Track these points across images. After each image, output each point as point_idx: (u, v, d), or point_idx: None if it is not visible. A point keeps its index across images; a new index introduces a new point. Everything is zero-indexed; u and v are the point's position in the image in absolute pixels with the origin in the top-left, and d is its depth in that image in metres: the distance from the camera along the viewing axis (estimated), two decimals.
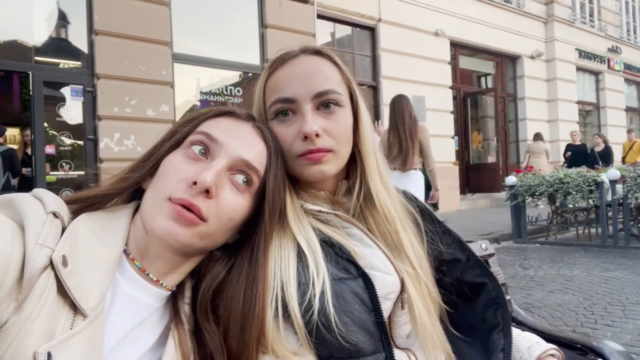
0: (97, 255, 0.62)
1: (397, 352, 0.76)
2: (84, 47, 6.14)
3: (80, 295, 0.57)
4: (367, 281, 0.74)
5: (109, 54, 6.06)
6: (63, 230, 0.61)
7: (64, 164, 6.09)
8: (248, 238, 0.75)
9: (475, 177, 12.00)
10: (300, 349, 0.69)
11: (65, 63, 6.24)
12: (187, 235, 0.65)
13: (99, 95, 6.02)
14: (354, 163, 0.86)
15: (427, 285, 0.81)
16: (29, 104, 5.96)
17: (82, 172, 6.22)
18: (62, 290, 0.56)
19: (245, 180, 0.71)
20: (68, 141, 6.26)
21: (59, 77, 6.07)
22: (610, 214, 6.48)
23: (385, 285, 0.76)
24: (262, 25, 7.57)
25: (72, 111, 6.19)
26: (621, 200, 6.31)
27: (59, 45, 6.22)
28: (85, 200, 0.68)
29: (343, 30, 9.52)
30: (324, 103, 0.79)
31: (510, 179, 7.22)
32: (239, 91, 7.72)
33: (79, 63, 6.23)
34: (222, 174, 0.69)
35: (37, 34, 6.01)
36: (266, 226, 0.73)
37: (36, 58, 5.98)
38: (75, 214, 0.66)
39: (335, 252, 0.76)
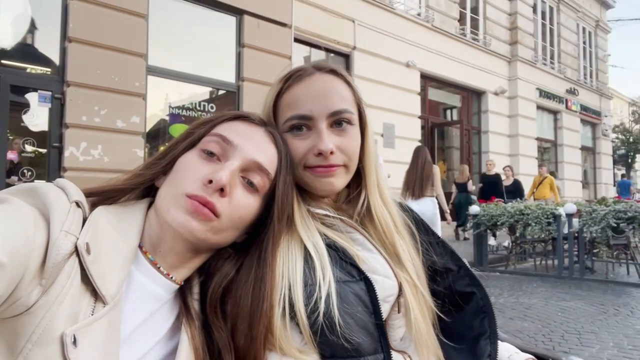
0: (115, 246, 0.64)
1: (393, 354, 0.79)
2: (55, 53, 6.01)
3: (102, 282, 0.59)
4: (368, 284, 0.77)
5: (82, 62, 5.95)
6: (84, 220, 0.62)
7: (25, 171, 5.87)
8: (257, 238, 0.77)
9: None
10: (305, 347, 0.71)
11: (34, 68, 6.09)
12: (201, 230, 0.68)
13: (67, 102, 5.88)
14: (357, 176, 0.90)
15: (422, 293, 0.85)
16: None
17: (43, 181, 6.01)
18: (85, 277, 0.58)
19: (253, 182, 0.74)
20: (30, 148, 6.06)
21: (27, 81, 5.90)
22: (566, 246, 6.75)
23: (385, 288, 0.79)
24: (240, 44, 7.63)
25: (37, 117, 6.01)
26: (577, 234, 6.60)
27: (28, 50, 6.06)
28: (102, 193, 0.70)
29: (318, 55, 9.70)
30: (338, 121, 0.84)
31: (474, 209, 7.44)
32: (212, 107, 7.69)
33: (49, 69, 6.09)
34: (236, 175, 0.72)
35: (6, 36, 5.85)
36: (275, 227, 0.76)
37: (3, 61, 5.82)
38: (92, 206, 0.67)
39: (339, 256, 0.79)
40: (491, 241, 8.14)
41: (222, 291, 0.74)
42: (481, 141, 13.64)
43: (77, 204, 0.62)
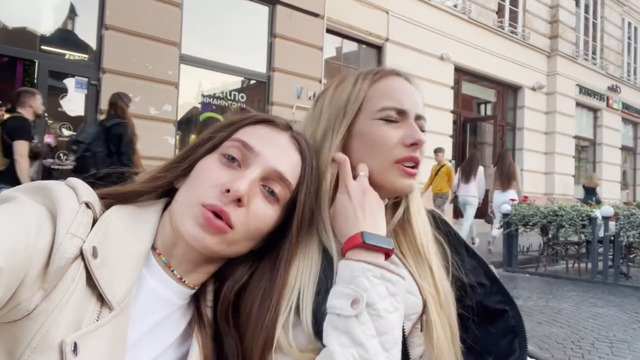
0: (126, 249, 0.62)
1: None
2: (92, 40, 6.15)
3: (109, 287, 0.57)
4: None
5: (117, 50, 6.07)
6: (94, 221, 0.60)
7: (61, 154, 6.05)
8: (274, 246, 0.74)
9: None
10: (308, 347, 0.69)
11: (72, 55, 6.25)
12: (214, 242, 0.66)
13: (103, 89, 6.01)
14: None
15: (447, 310, 0.81)
16: None
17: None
18: (90, 282, 0.56)
19: (274, 191, 0.71)
20: (67, 132, 6.23)
21: (64, 67, 6.07)
22: (601, 250, 6.51)
23: (409, 305, 0.76)
24: (271, 34, 7.62)
25: (73, 103, 6.18)
26: (613, 238, 6.35)
27: (67, 37, 6.23)
28: (118, 195, 0.68)
29: (350, 46, 9.61)
30: (419, 126, 0.85)
31: (505, 207, 7.26)
32: (242, 97, 7.74)
33: (86, 56, 6.24)
34: (255, 184, 0.69)
35: (46, 23, 6.02)
36: (292, 239, 0.73)
37: (42, 47, 5.99)
38: (106, 207, 0.65)
39: None
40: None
41: (233, 297, 0.71)
42: (516, 138, 13.28)
43: (87, 205, 0.60)
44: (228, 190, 0.65)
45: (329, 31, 8.52)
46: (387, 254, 0.71)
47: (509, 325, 0.86)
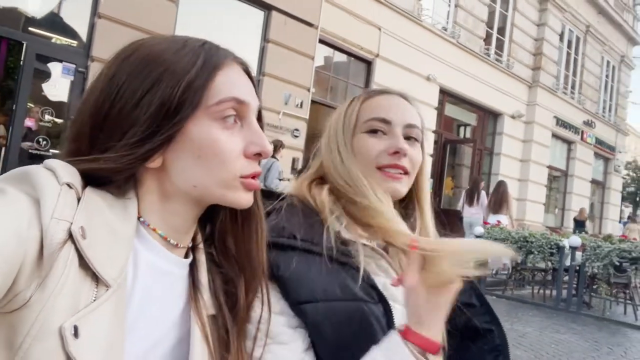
0: (113, 225, 0.60)
1: None
2: (84, 27, 6.07)
3: (102, 266, 0.56)
4: (386, 308, 0.79)
5: (109, 39, 6.00)
6: (79, 200, 0.58)
7: (40, 139, 5.93)
8: None
9: (441, 222, 12.21)
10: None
11: (60, 39, 6.15)
12: (252, 199, 0.71)
13: (90, 77, 5.92)
14: (409, 202, 0.97)
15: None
16: (17, 73, 5.81)
17: (56, 151, 6.07)
18: (83, 263, 0.55)
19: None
20: (48, 117, 6.12)
21: (52, 52, 5.96)
22: (566, 278, 6.72)
23: (403, 316, 0.79)
24: (265, 39, 7.67)
25: (57, 88, 6.07)
26: (578, 267, 6.57)
27: (57, 21, 6.12)
28: (92, 172, 0.63)
29: (340, 58, 9.72)
30: (409, 135, 0.92)
31: (478, 230, 7.43)
32: None
33: (75, 42, 6.15)
34: None
35: (35, 4, 5.91)
36: None
37: (31, 29, 5.88)
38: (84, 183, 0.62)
39: (361, 277, 0.80)
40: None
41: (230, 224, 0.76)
42: (492, 162, 13.60)
43: (69, 185, 0.57)
44: (258, 154, 0.69)
45: (321, 41, 8.61)
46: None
47: (494, 344, 0.91)
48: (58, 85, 6.02)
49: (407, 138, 0.91)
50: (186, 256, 0.72)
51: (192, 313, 0.69)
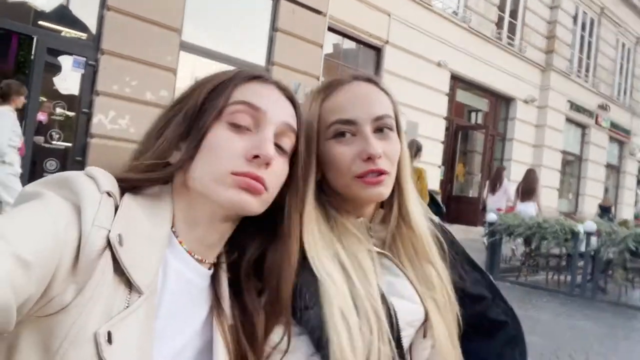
0: (148, 234, 0.63)
1: None
2: (93, 20, 6.08)
3: (136, 272, 0.58)
4: (389, 309, 0.77)
5: (118, 31, 6.01)
6: (116, 208, 0.61)
7: (53, 133, 5.99)
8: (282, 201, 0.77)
9: (455, 209, 12.16)
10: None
11: (69, 32, 6.17)
12: (256, 205, 0.68)
13: (100, 70, 5.96)
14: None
15: (449, 316, 0.83)
16: (28, 68, 5.86)
17: (69, 144, 6.13)
18: (118, 269, 0.57)
19: (283, 147, 0.74)
20: (60, 111, 6.17)
21: (63, 45, 5.99)
22: (581, 264, 6.65)
23: (411, 312, 0.79)
24: (273, 28, 7.61)
25: (68, 82, 6.11)
26: (593, 253, 6.49)
27: (66, 14, 6.14)
28: (131, 182, 0.67)
29: (350, 45, 9.64)
30: (380, 127, 0.84)
31: (491, 216, 7.37)
32: None
33: (85, 35, 6.17)
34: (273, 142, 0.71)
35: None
36: (299, 182, 0.76)
37: (41, 23, 5.91)
38: (122, 192, 0.65)
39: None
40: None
41: (256, 259, 0.75)
42: (505, 148, 13.45)
43: (109, 194, 0.60)
44: (256, 156, 0.67)
45: (330, 29, 8.54)
46: None
47: (510, 335, 0.90)
48: (69, 78, 6.07)
49: (380, 131, 0.84)
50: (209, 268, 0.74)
51: (215, 322, 0.70)
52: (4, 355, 0.52)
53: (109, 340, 0.53)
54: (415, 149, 5.87)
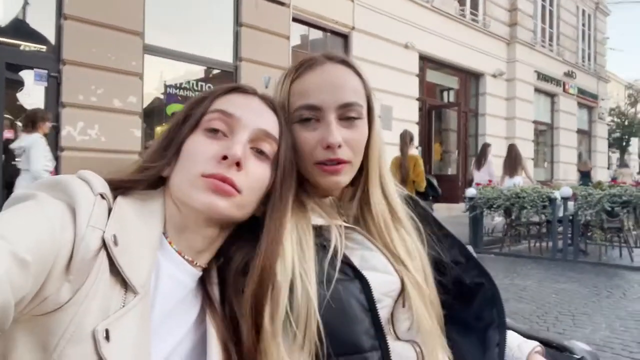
0: (141, 235, 0.65)
1: (401, 344, 0.80)
2: (51, 30, 5.93)
3: (131, 272, 0.59)
4: (363, 283, 0.77)
5: (78, 40, 5.88)
6: (109, 210, 0.62)
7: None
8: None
9: None
10: (294, 346, 0.71)
11: (29, 45, 6.00)
12: (226, 206, 0.68)
13: (64, 81, 5.82)
14: (361, 171, 0.89)
15: (425, 284, 0.84)
16: None
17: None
18: (113, 269, 0.59)
19: (263, 150, 0.75)
20: None
21: (22, 59, 5.83)
22: (560, 229, 6.83)
23: (386, 283, 0.80)
24: (237, 23, 7.54)
25: (32, 96, 5.95)
26: (571, 217, 6.66)
27: (22, 27, 5.97)
28: (119, 183, 0.69)
29: (317, 35, 9.60)
30: (347, 114, 0.83)
31: (470, 191, 7.49)
32: (209, 87, 7.62)
33: (44, 47, 6.01)
34: (246, 147, 0.73)
35: (0, 13, 5.75)
36: (278, 192, 0.76)
37: None
38: (113, 195, 0.67)
39: (332, 255, 0.78)
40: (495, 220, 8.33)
41: (243, 266, 0.74)
42: (478, 124, 13.63)
43: (102, 196, 0.62)
44: (224, 157, 0.68)
45: (295, 20, 8.49)
46: None
47: (487, 296, 0.91)
48: (32, 93, 5.90)
49: (346, 119, 0.83)
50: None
51: (208, 317, 0.72)
52: (0, 354, 0.52)
53: (107, 338, 0.54)
54: (409, 138, 6.05)
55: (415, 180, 5.95)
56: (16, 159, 4.87)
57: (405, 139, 6.06)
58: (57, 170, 5.77)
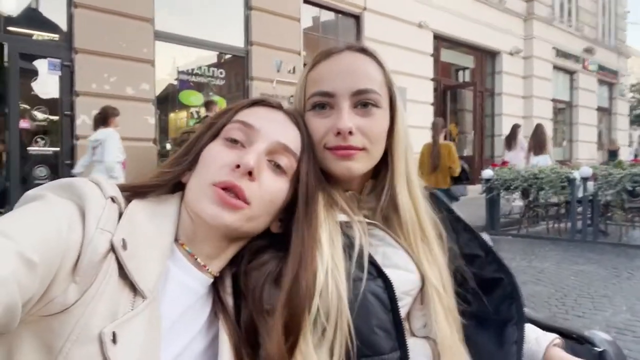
0: (151, 240, 0.65)
1: (417, 341, 0.78)
2: (62, 19, 5.94)
3: (140, 277, 0.60)
4: (386, 282, 0.75)
5: (89, 28, 5.88)
6: (120, 214, 0.63)
7: (38, 139, 5.91)
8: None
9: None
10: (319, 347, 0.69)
11: (41, 35, 6.03)
12: (233, 219, 0.68)
13: (77, 70, 5.85)
14: (385, 165, 0.86)
15: (444, 282, 0.82)
16: (2, 76, 5.73)
17: (57, 149, 6.06)
18: (122, 273, 0.59)
19: (280, 165, 0.73)
20: (42, 116, 6.07)
21: (35, 49, 5.87)
22: (580, 210, 6.70)
23: (408, 282, 0.78)
24: (247, 7, 7.46)
25: (46, 85, 6.00)
26: (591, 198, 6.54)
27: (34, 16, 5.99)
28: (134, 189, 0.70)
29: (328, 16, 9.46)
30: (362, 102, 0.81)
31: (487, 172, 7.38)
32: (221, 73, 7.61)
33: (57, 36, 6.03)
34: (262, 158, 0.71)
35: (12, 3, 5.77)
36: (301, 208, 0.74)
37: (10, 28, 5.76)
38: (126, 200, 0.67)
39: (358, 254, 0.76)
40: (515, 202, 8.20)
41: (263, 284, 0.72)
42: (494, 103, 13.39)
43: (113, 199, 0.62)
44: (238, 166, 0.68)
45: (306, 2, 8.37)
46: None
47: (506, 291, 0.88)
48: (47, 82, 5.95)
49: (363, 105, 0.80)
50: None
51: (221, 323, 0.71)
52: (5, 355, 0.52)
53: (114, 341, 0.54)
54: (441, 126, 6.30)
55: (452, 166, 6.24)
56: (93, 151, 5.13)
57: (437, 127, 6.25)
58: (72, 159, 5.84)
